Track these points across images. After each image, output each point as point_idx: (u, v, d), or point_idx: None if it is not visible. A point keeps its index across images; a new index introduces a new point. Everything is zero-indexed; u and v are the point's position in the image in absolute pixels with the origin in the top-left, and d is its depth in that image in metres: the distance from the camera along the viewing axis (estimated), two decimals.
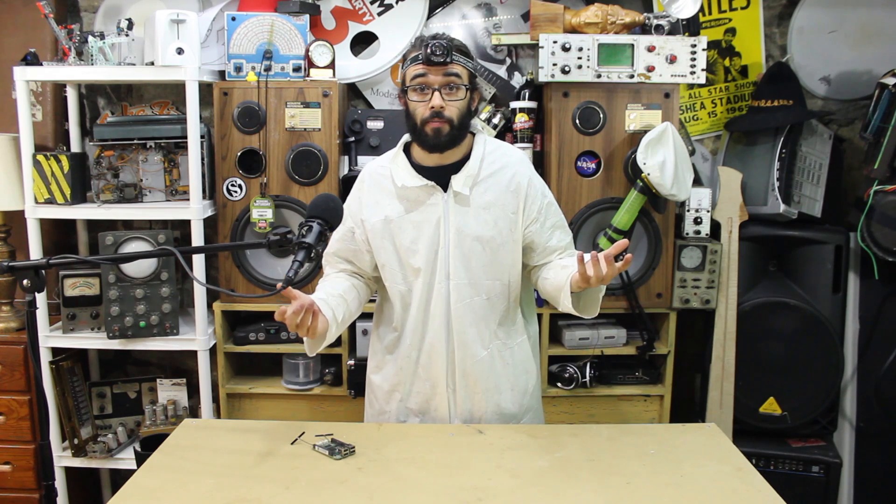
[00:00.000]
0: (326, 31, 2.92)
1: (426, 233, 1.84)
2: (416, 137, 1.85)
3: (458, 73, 1.79)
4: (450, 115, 1.78)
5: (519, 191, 1.88)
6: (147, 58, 2.61)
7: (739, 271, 2.66)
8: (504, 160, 1.90)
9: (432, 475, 1.61)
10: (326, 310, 1.75)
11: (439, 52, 1.74)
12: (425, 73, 1.78)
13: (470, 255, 1.85)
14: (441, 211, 1.84)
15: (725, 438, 1.82)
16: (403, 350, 1.92)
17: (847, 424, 2.76)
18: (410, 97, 1.81)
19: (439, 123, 1.78)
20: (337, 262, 1.98)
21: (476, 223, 1.84)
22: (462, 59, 1.80)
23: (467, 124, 1.84)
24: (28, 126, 2.54)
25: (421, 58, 1.77)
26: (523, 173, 1.90)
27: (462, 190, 1.83)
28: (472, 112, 1.85)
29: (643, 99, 2.58)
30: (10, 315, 2.76)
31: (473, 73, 1.85)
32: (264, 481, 1.57)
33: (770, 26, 2.94)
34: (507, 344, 1.93)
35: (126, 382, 2.91)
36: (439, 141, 1.80)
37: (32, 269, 1.51)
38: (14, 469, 2.70)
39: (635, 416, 2.73)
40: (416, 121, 1.81)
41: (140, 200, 2.71)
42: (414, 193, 1.85)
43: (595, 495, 1.53)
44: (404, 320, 1.91)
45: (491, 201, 1.85)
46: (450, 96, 1.78)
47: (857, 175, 2.90)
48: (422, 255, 1.85)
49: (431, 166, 1.87)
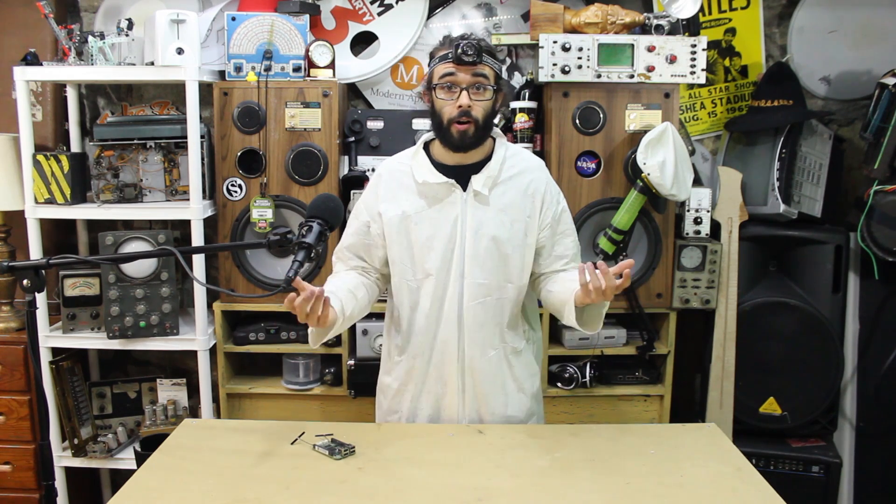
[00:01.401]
0: (326, 31, 2.92)
1: (443, 230, 1.85)
2: (441, 135, 1.86)
3: (485, 73, 1.81)
4: (476, 115, 1.80)
5: (536, 196, 1.90)
6: (147, 58, 2.61)
7: (739, 271, 2.66)
8: (523, 165, 1.92)
9: (432, 475, 1.61)
10: (335, 302, 1.75)
11: (470, 51, 1.77)
12: (454, 72, 1.80)
13: (486, 256, 1.86)
14: (459, 210, 1.86)
15: (725, 438, 1.82)
16: (414, 349, 1.92)
17: (847, 424, 2.76)
18: (438, 95, 1.83)
19: (466, 126, 1.80)
20: (349, 258, 1.98)
21: (493, 224, 1.86)
22: (490, 61, 1.83)
23: (491, 124, 1.87)
24: (28, 126, 2.54)
25: (451, 56, 1.79)
26: (541, 179, 1.92)
27: (482, 190, 1.85)
28: (495, 113, 1.87)
29: (643, 99, 2.58)
30: (10, 315, 2.76)
31: (499, 75, 1.87)
32: (264, 481, 1.57)
33: (770, 26, 2.94)
34: (514, 347, 1.94)
35: (126, 382, 2.91)
36: (464, 142, 1.82)
37: (32, 269, 1.51)
38: (14, 469, 2.70)
39: (635, 416, 2.73)
40: (443, 119, 1.82)
41: (140, 200, 2.71)
42: (433, 190, 1.87)
43: (595, 495, 1.53)
44: (414, 319, 1.91)
45: (508, 204, 1.87)
46: (477, 96, 1.81)
47: (857, 175, 2.90)
48: (437, 253, 1.86)
49: (451, 165, 1.88)
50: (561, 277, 1.90)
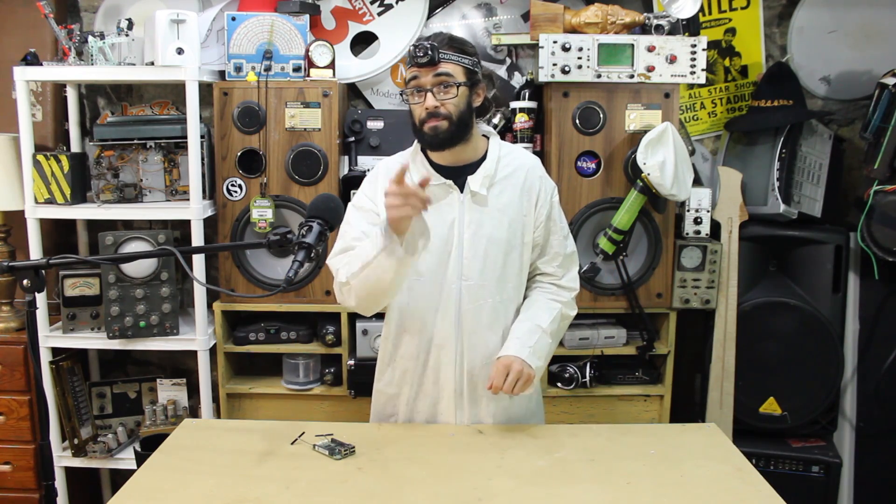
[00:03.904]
0: (326, 31, 2.92)
1: (439, 232, 1.83)
2: (418, 137, 1.86)
3: (448, 71, 1.78)
4: (447, 111, 1.78)
5: (532, 192, 1.89)
6: (147, 58, 2.61)
7: (739, 271, 2.66)
8: (518, 163, 1.91)
9: (432, 475, 1.61)
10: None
11: (422, 53, 1.75)
12: (417, 75, 1.79)
13: (485, 257, 1.85)
14: (457, 211, 1.85)
15: (725, 438, 1.82)
16: (410, 352, 1.91)
17: (847, 424, 2.76)
18: (409, 99, 1.82)
19: (436, 121, 1.78)
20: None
21: (491, 224, 1.85)
22: (454, 57, 1.79)
23: (468, 121, 1.83)
24: (28, 126, 2.54)
25: (410, 61, 1.79)
26: (536, 175, 1.92)
27: (480, 190, 1.84)
28: (472, 108, 1.83)
29: (643, 99, 2.58)
30: (10, 315, 2.76)
31: (471, 69, 1.82)
32: (264, 481, 1.57)
33: (770, 26, 2.94)
34: None
35: (126, 382, 2.91)
36: (437, 139, 1.80)
37: (32, 269, 1.51)
38: (14, 469, 2.70)
39: (635, 416, 2.73)
40: (416, 121, 1.82)
41: (140, 200, 2.71)
42: (430, 192, 1.84)
43: (595, 495, 1.53)
44: (411, 322, 1.90)
45: (506, 203, 1.86)
46: (443, 95, 1.78)
47: (857, 175, 2.90)
48: (434, 255, 1.84)
49: (446, 166, 1.87)
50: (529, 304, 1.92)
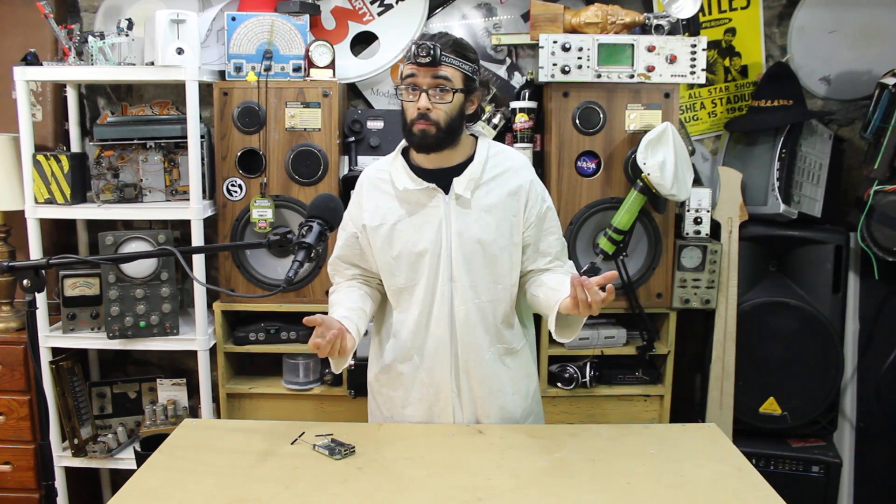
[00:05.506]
0: (326, 31, 2.92)
1: (427, 235, 1.84)
2: (406, 135, 1.84)
3: (447, 75, 1.76)
4: (436, 118, 1.76)
5: (520, 194, 1.87)
6: (147, 58, 2.61)
7: (739, 271, 2.66)
8: (507, 164, 1.89)
9: (432, 475, 1.61)
10: (351, 326, 1.75)
11: (425, 53, 1.73)
12: (415, 73, 1.77)
13: (472, 258, 1.84)
14: (443, 214, 1.84)
15: (725, 438, 1.82)
16: (405, 353, 1.91)
17: (847, 424, 2.76)
18: (402, 95, 1.81)
19: (425, 125, 1.77)
20: (344, 268, 1.97)
21: (478, 226, 1.84)
22: (456, 61, 1.77)
23: (457, 128, 1.81)
24: (28, 126, 2.54)
25: (410, 57, 1.77)
26: (526, 177, 1.89)
27: (464, 193, 1.83)
28: (463, 115, 1.82)
29: (643, 99, 2.58)
30: (10, 315, 2.76)
31: (470, 75, 1.81)
32: (264, 481, 1.57)
33: (770, 26, 2.94)
34: (509, 348, 1.93)
35: (126, 382, 2.91)
36: (425, 142, 1.79)
37: (32, 269, 1.51)
38: (14, 469, 2.70)
39: (635, 416, 2.73)
40: (407, 119, 1.81)
41: (140, 200, 2.71)
42: (415, 196, 1.85)
43: (595, 495, 1.53)
44: (403, 325, 1.90)
45: (493, 204, 1.85)
46: (437, 98, 1.76)
47: (857, 175, 2.90)
48: (423, 259, 1.84)
49: (431, 168, 1.86)
50: (545, 282, 1.87)
